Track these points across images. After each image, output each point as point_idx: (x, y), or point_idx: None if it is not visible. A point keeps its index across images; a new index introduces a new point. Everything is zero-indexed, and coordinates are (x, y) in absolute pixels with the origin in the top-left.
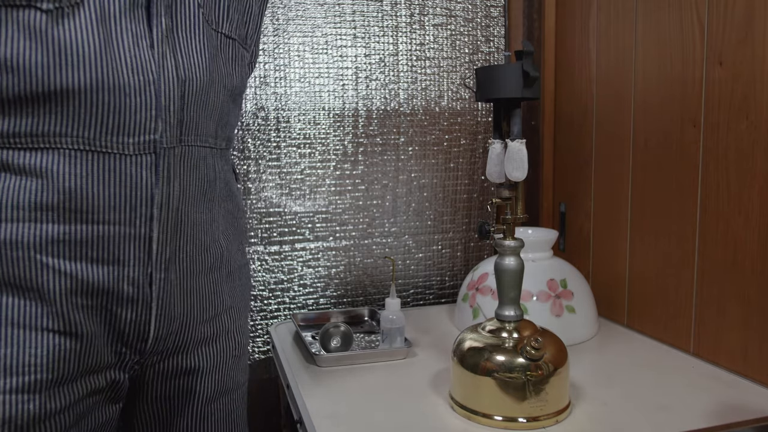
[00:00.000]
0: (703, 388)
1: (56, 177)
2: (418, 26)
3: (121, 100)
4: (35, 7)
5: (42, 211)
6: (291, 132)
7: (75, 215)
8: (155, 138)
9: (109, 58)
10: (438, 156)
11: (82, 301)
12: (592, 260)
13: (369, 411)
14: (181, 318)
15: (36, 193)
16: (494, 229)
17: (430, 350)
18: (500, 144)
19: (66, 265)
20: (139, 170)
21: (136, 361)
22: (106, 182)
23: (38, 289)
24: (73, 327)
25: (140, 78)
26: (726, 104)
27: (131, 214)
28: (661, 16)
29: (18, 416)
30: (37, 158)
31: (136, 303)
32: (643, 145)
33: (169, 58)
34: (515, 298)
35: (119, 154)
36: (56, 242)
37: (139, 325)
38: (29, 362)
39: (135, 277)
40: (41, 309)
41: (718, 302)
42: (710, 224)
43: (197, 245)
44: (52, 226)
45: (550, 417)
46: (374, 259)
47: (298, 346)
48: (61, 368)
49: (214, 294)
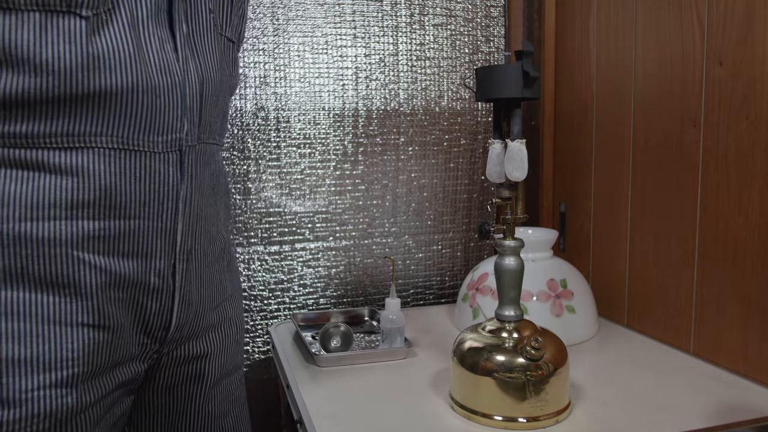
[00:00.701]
0: (703, 388)
1: (92, 175)
2: (418, 26)
3: (153, 101)
4: (75, 14)
5: (78, 208)
6: (291, 132)
7: (109, 211)
8: (181, 137)
9: (141, 61)
10: (438, 156)
11: (114, 294)
12: (592, 260)
13: (369, 411)
14: (196, 306)
15: (72, 191)
16: (494, 229)
17: (430, 350)
18: (500, 144)
19: (101, 260)
20: (166, 167)
21: (156, 351)
22: (137, 179)
23: (75, 284)
24: (105, 320)
25: (168, 80)
26: (726, 104)
27: (159, 208)
28: (661, 15)
29: (58, 410)
30: (73, 157)
31: (161, 293)
32: (643, 144)
33: (191, 60)
34: (515, 298)
35: (149, 152)
36: (92, 238)
37: (162, 315)
38: (67, 357)
39: (161, 268)
40: (77, 304)
41: (718, 302)
42: (710, 224)
43: (207, 237)
44: (89, 222)
45: (550, 417)
46: (374, 259)
47: (298, 346)
48: (94, 361)
49: (219, 283)
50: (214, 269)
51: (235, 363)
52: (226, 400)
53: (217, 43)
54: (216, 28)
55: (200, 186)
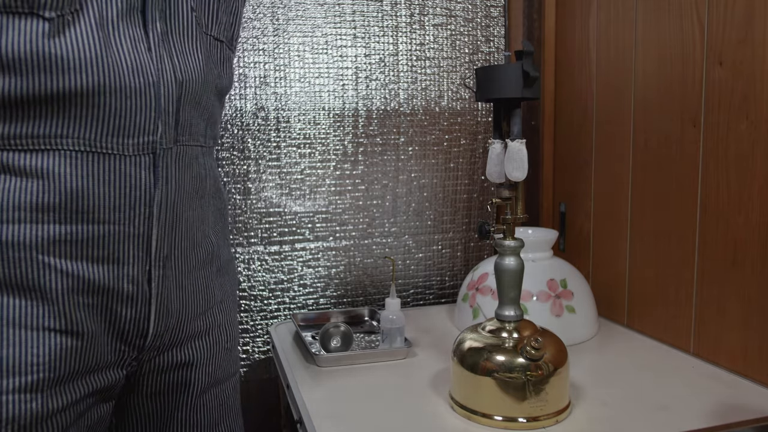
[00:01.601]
0: (703, 388)
1: (58, 178)
2: (418, 26)
3: (123, 102)
4: (38, 15)
5: (44, 211)
6: (291, 132)
7: (76, 215)
8: (154, 139)
9: (110, 61)
10: (438, 156)
11: (83, 300)
12: (592, 260)
13: (369, 411)
14: (177, 314)
15: (37, 194)
16: (494, 229)
17: (430, 350)
18: (500, 144)
19: (68, 265)
20: (138, 170)
21: (134, 358)
22: (106, 182)
23: (40, 288)
24: (74, 326)
25: (140, 80)
26: (726, 104)
27: (130, 213)
28: (661, 15)
29: (21, 416)
30: (38, 159)
31: (136, 301)
32: (643, 144)
33: (167, 60)
34: (515, 298)
35: (119, 154)
36: (58, 242)
37: (138, 323)
38: (32, 362)
39: (134, 275)
40: (43, 309)
41: (718, 302)
42: (710, 224)
43: (190, 242)
44: (54, 226)
45: (550, 417)
46: (374, 259)
47: (298, 346)
48: (62, 367)
49: (206, 289)
50: (199, 275)
51: (226, 371)
52: (217, 409)
53: (201, 42)
54: (199, 27)
55: (179, 189)
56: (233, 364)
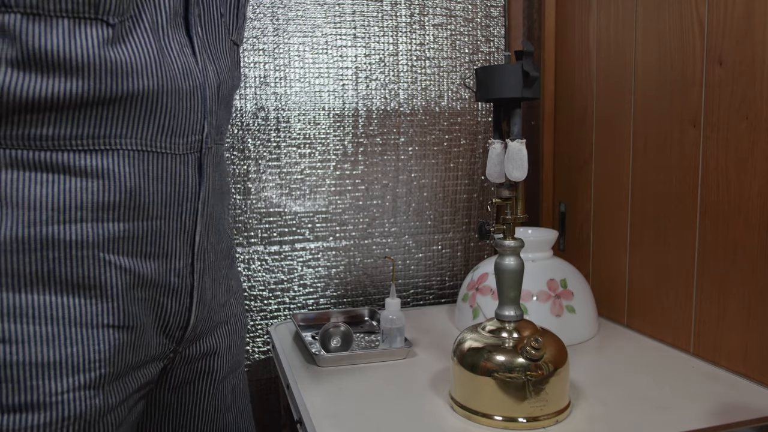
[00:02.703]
0: (703, 388)
1: (118, 177)
2: (418, 26)
3: (177, 104)
4: (103, 21)
5: (105, 210)
6: (291, 132)
7: (134, 213)
8: (201, 138)
9: (164, 65)
10: (438, 156)
11: (138, 295)
12: (592, 260)
13: (369, 411)
14: (209, 304)
15: (99, 193)
16: (494, 229)
17: (430, 350)
18: (500, 144)
19: (126, 261)
20: (186, 169)
21: (172, 350)
22: (160, 180)
23: (101, 286)
24: (130, 320)
25: (190, 83)
26: (726, 104)
27: (179, 209)
28: (661, 15)
29: (87, 411)
30: (99, 159)
31: (180, 293)
32: (643, 144)
33: (208, 64)
34: (515, 298)
35: (171, 153)
36: (119, 239)
37: (181, 314)
38: (95, 358)
39: (180, 268)
40: (104, 306)
41: (718, 302)
42: (710, 224)
43: (216, 236)
44: (115, 224)
45: (550, 417)
46: (374, 259)
47: (298, 346)
48: (119, 362)
49: (226, 280)
50: (222, 267)
51: (239, 359)
52: (231, 394)
53: (227, 46)
54: (227, 33)
55: (214, 186)
56: (243, 352)
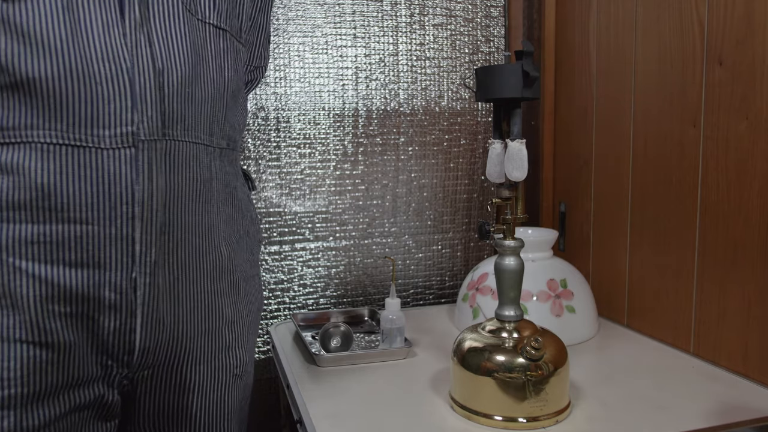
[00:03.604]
0: (703, 388)
1: (28, 173)
2: (418, 26)
3: (93, 90)
4: None
5: (14, 210)
6: (291, 132)
7: (50, 214)
8: (132, 130)
9: (77, 46)
10: (438, 156)
11: (59, 309)
12: (592, 260)
13: (369, 411)
14: (171, 328)
15: (6, 191)
16: (494, 229)
17: (430, 350)
18: (500, 144)
19: (41, 269)
20: (117, 165)
21: (125, 375)
22: (82, 178)
23: (10, 295)
24: (49, 337)
25: (112, 67)
26: (726, 104)
27: (111, 212)
28: (661, 15)
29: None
30: (6, 154)
31: (119, 310)
32: (643, 144)
33: (144, 46)
34: (515, 298)
35: (95, 147)
36: (30, 243)
37: (123, 335)
38: (3, 376)
39: (117, 281)
40: (13, 318)
41: (718, 302)
42: (710, 224)
43: (192, 250)
44: (26, 226)
45: (550, 417)
46: (374, 259)
47: (298, 346)
48: (37, 382)
49: (213, 305)
50: (206, 289)
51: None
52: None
53: (189, 29)
54: (190, 14)
55: (172, 189)
56: (242, 391)
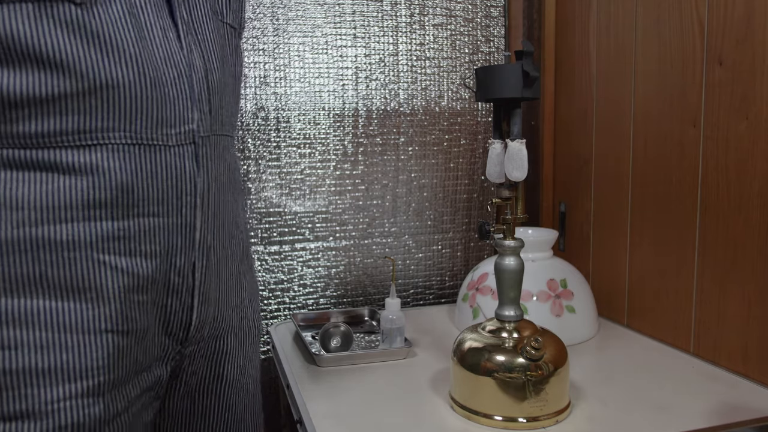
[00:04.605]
0: (703, 388)
1: (108, 173)
2: (418, 26)
3: (161, 92)
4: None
5: (96, 208)
6: (291, 132)
7: (128, 210)
8: (193, 128)
9: (145, 50)
10: (438, 156)
11: (138, 297)
12: (592, 260)
13: (369, 411)
14: (215, 304)
15: (88, 191)
16: (494, 229)
17: (430, 350)
18: (500, 144)
19: (123, 262)
20: (182, 160)
21: (177, 352)
22: (154, 174)
23: (97, 289)
24: (130, 324)
25: (174, 70)
26: (726, 104)
27: (177, 203)
28: (661, 15)
29: (85, 421)
30: (87, 155)
31: (181, 292)
32: (643, 144)
33: (194, 49)
34: (515, 298)
35: (164, 145)
36: (112, 239)
37: (183, 314)
38: (92, 365)
39: (181, 266)
40: (99, 310)
41: (718, 302)
42: (710, 224)
43: (227, 232)
44: (107, 223)
45: (550, 417)
46: (374, 259)
47: (298, 346)
48: (120, 368)
49: (238, 282)
50: (234, 267)
51: (252, 364)
52: (243, 401)
53: (217, 30)
54: (216, 15)
55: (217, 179)
56: (258, 357)
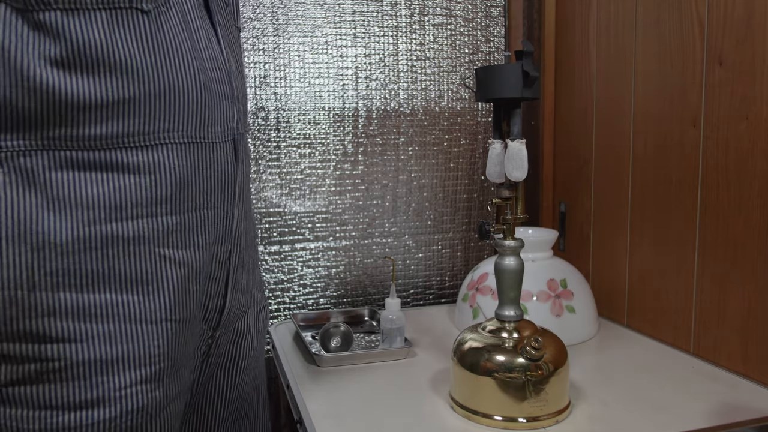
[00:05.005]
0: (703, 388)
1: (168, 170)
2: (418, 26)
3: (210, 94)
4: (137, 9)
5: (158, 204)
6: (291, 132)
7: (184, 204)
8: (233, 126)
9: (196, 55)
10: (438, 156)
11: (190, 287)
12: (592, 260)
13: (369, 411)
14: (240, 290)
15: (151, 188)
16: (494, 229)
17: (430, 350)
18: (500, 144)
19: (180, 254)
20: (224, 156)
21: (210, 336)
22: (204, 170)
23: (158, 280)
24: (184, 313)
25: (217, 72)
26: (726, 104)
27: (222, 196)
28: (661, 15)
29: (149, 404)
30: (149, 155)
31: (219, 279)
32: (643, 144)
33: (229, 52)
34: (515, 298)
35: (211, 142)
36: (171, 233)
37: (218, 300)
38: (154, 353)
39: (221, 255)
40: (160, 301)
41: (718, 302)
42: (710, 224)
43: (249, 222)
44: (168, 217)
45: (550, 417)
46: (374, 259)
47: (298, 346)
48: (177, 355)
49: (255, 268)
50: (253, 254)
51: (262, 347)
52: (253, 382)
53: (236, 34)
54: (233, 20)
55: (247, 172)
56: (264, 338)
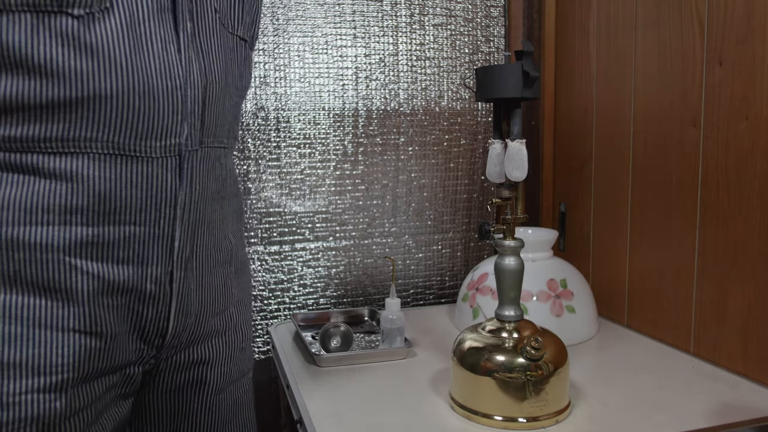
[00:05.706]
0: (703, 388)
1: (86, 181)
2: (418, 26)
3: (151, 105)
4: (67, 13)
5: (72, 214)
6: (291, 132)
7: (103, 217)
8: (180, 141)
9: (139, 62)
10: (438, 156)
11: (108, 301)
12: (592, 260)
13: (369, 411)
14: (196, 313)
15: (66, 197)
16: (494, 229)
17: (430, 350)
18: (500, 144)
19: (94, 267)
20: (164, 173)
21: (153, 356)
22: (133, 185)
23: (67, 290)
24: (99, 327)
25: (168, 82)
26: (726, 104)
27: (156, 214)
28: (661, 15)
29: (45, 414)
30: (68, 162)
31: (158, 301)
32: (643, 144)
33: (194, 62)
34: (515, 298)
35: (146, 157)
36: (85, 244)
37: (158, 322)
38: (56, 362)
39: (157, 275)
40: (69, 310)
41: (718, 302)
42: (710, 224)
43: (211, 242)
44: (82, 228)
45: (550, 417)
46: (374, 259)
47: (298, 346)
48: (86, 367)
49: (224, 288)
50: (218, 274)
51: (240, 370)
52: (231, 408)
53: (223, 42)
54: (223, 27)
55: (203, 191)
56: (247, 363)
